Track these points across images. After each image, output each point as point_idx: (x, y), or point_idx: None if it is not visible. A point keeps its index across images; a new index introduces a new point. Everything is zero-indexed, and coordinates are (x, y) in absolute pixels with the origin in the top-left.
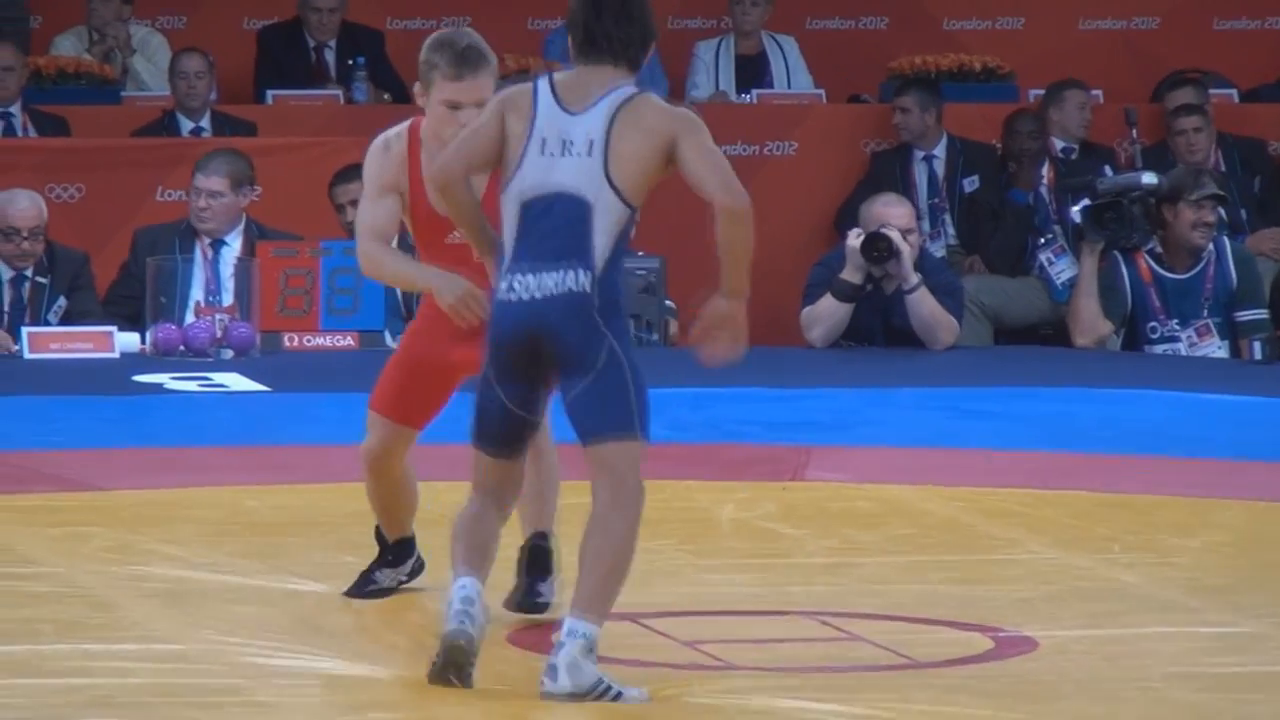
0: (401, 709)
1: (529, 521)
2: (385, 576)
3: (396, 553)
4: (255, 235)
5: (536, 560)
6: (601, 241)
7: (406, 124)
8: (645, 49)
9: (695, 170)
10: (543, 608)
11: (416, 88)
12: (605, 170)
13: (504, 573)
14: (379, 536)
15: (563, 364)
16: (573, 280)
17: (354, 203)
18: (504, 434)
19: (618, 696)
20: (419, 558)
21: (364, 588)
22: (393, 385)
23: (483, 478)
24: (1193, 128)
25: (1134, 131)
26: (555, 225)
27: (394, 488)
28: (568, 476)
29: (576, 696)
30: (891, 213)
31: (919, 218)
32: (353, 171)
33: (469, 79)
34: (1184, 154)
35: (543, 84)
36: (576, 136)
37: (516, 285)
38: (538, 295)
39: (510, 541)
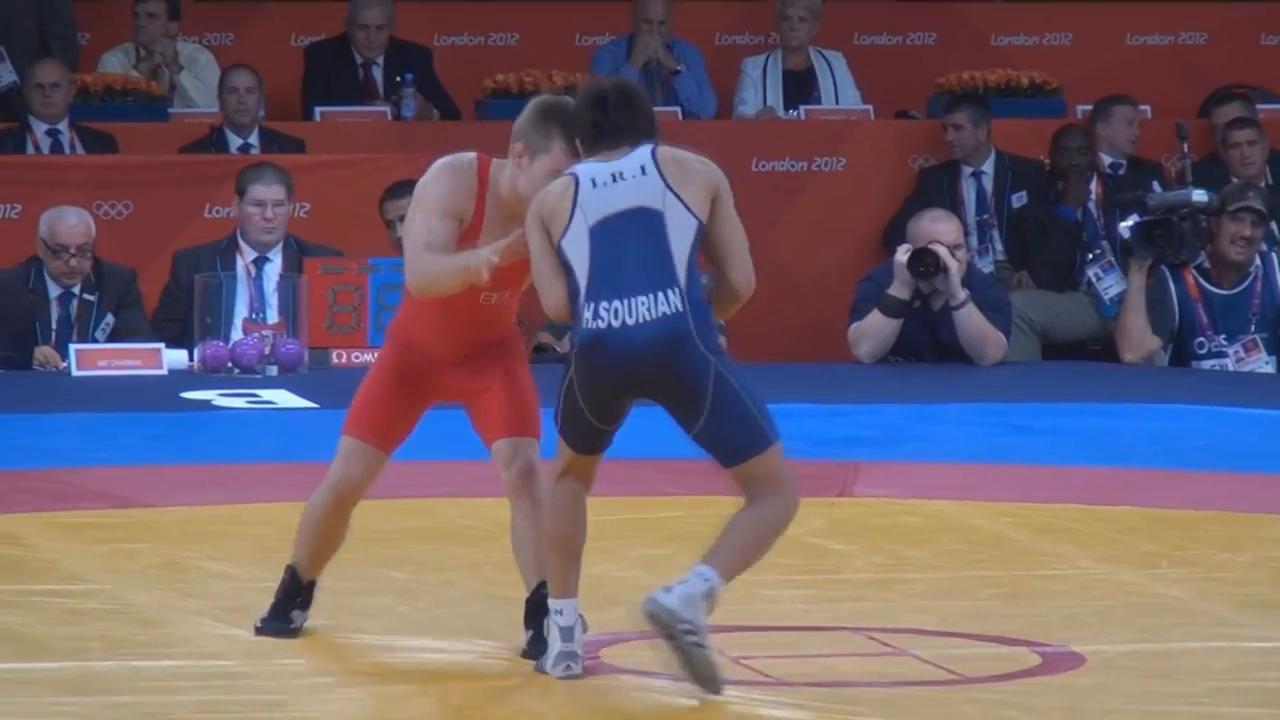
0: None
1: (534, 571)
2: (299, 618)
3: (307, 595)
4: (296, 251)
5: (541, 610)
6: (679, 251)
7: (473, 157)
8: (652, 137)
9: (727, 238)
10: None
11: (518, 146)
12: (665, 182)
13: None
14: (293, 576)
15: (669, 393)
16: (665, 303)
17: (404, 218)
18: (592, 442)
19: (699, 648)
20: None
21: (284, 626)
22: (379, 412)
23: (568, 467)
24: (1246, 140)
25: (1185, 146)
26: (632, 243)
27: (345, 523)
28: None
29: (674, 620)
30: (939, 228)
31: (967, 233)
32: (403, 187)
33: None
34: (1238, 168)
35: (579, 166)
36: (625, 169)
37: (604, 312)
38: (629, 321)
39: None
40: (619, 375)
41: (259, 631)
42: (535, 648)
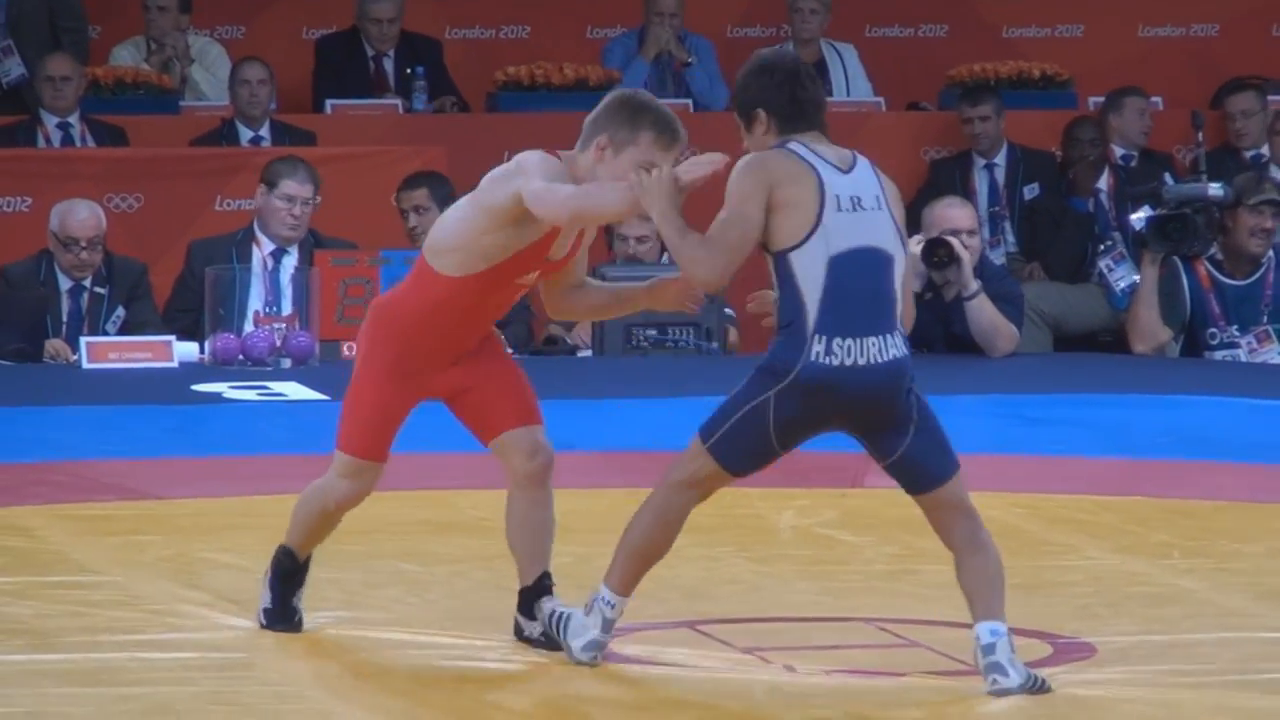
0: (460, 714)
1: (538, 560)
2: (299, 604)
3: (303, 575)
4: (312, 244)
5: (542, 597)
6: (900, 290)
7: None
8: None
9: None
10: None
11: (601, 139)
12: (894, 222)
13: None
14: (290, 557)
15: (881, 427)
16: (894, 347)
17: (418, 209)
18: (757, 468)
19: (1043, 684)
20: None
21: (290, 619)
22: (382, 429)
23: (703, 482)
24: (1242, 111)
25: (1200, 135)
26: (867, 282)
27: (338, 522)
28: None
29: (1025, 689)
30: (954, 214)
31: (979, 225)
32: (420, 179)
33: (674, 150)
34: (1244, 145)
35: (800, 148)
36: (863, 193)
37: (837, 349)
38: (860, 361)
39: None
40: (841, 412)
41: (266, 628)
42: (549, 639)
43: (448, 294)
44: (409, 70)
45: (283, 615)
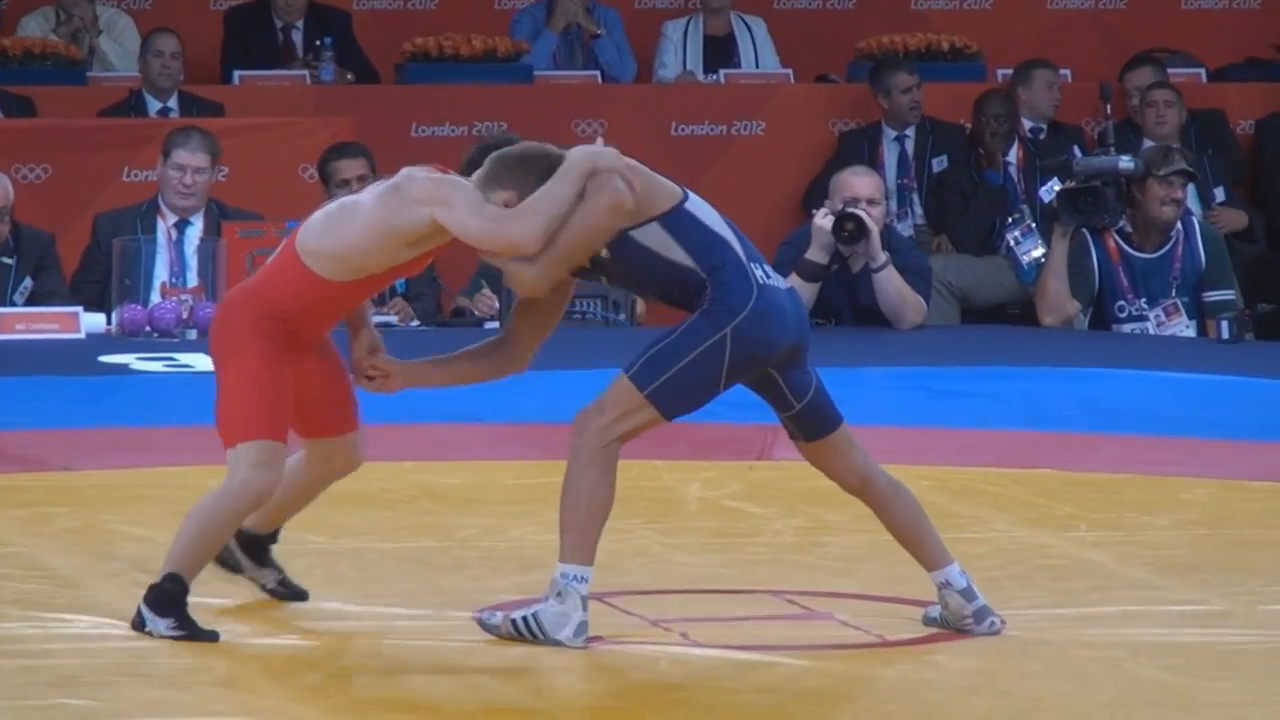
0: (370, 688)
1: (283, 513)
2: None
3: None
4: (217, 215)
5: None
6: None
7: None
8: None
9: None
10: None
11: (510, 195)
12: None
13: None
14: (178, 582)
15: (802, 355)
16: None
17: (361, 178)
18: (692, 409)
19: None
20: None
21: (200, 628)
22: (272, 406)
23: (635, 431)
24: (1164, 100)
25: (1108, 107)
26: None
27: None
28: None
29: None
30: (857, 182)
31: (887, 196)
32: (350, 148)
33: None
34: (1152, 127)
35: None
36: None
37: (768, 274)
38: (782, 285)
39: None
40: (785, 336)
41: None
42: (289, 590)
43: (317, 293)
44: (318, 42)
45: (196, 632)
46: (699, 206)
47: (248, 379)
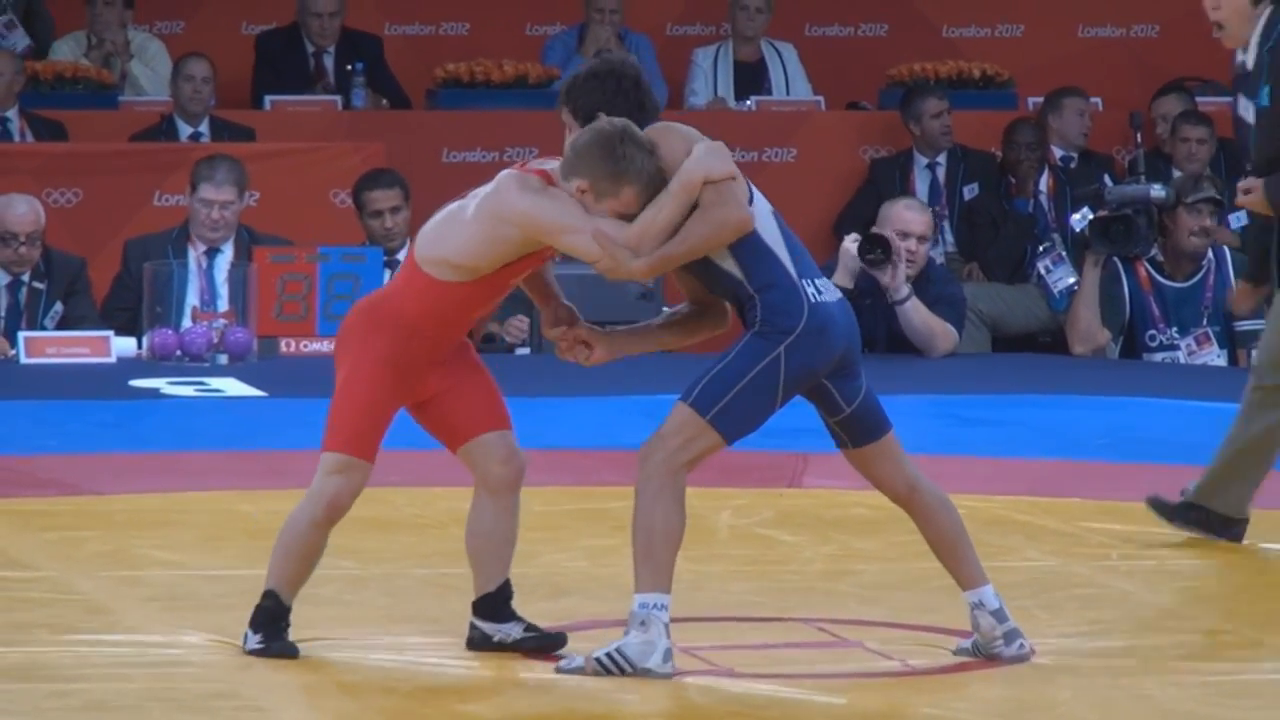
0: (393, 714)
1: (504, 566)
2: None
3: (288, 617)
4: (247, 240)
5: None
6: None
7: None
8: None
9: None
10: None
11: (583, 183)
12: None
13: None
14: (278, 602)
15: (854, 364)
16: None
17: (394, 209)
18: (752, 430)
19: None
20: None
21: (289, 646)
22: (379, 428)
23: (699, 457)
24: (1197, 139)
25: (1138, 136)
26: (790, 232)
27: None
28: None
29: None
30: (910, 217)
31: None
32: (384, 176)
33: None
34: (1183, 162)
35: None
36: None
37: (820, 288)
38: (833, 298)
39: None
40: (838, 347)
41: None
42: (538, 641)
43: (441, 299)
44: (349, 66)
45: (276, 647)
46: (761, 213)
47: (352, 392)
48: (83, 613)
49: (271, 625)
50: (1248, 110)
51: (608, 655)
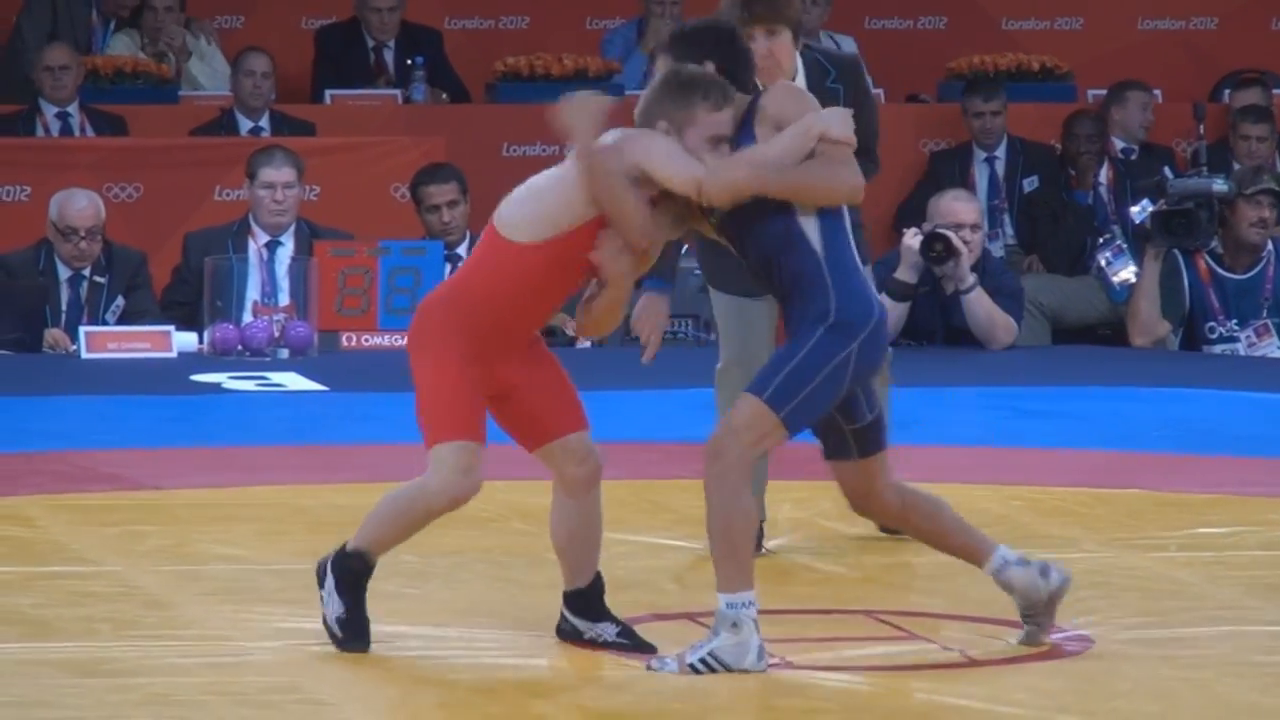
0: (455, 708)
1: (591, 565)
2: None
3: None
4: (308, 234)
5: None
6: None
7: None
8: None
9: None
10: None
11: (662, 124)
12: None
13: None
14: (361, 560)
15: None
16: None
17: (451, 203)
18: (815, 423)
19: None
20: None
21: (365, 634)
22: (467, 409)
23: (764, 449)
24: (1257, 136)
25: (1201, 128)
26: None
27: None
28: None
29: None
30: (959, 208)
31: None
32: (442, 171)
33: (730, 106)
34: (1243, 158)
35: None
36: None
37: (870, 287)
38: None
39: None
40: (886, 354)
41: (341, 643)
42: (630, 646)
43: (518, 268)
44: (409, 61)
45: (358, 627)
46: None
47: (440, 379)
48: (144, 607)
49: (356, 588)
50: None
51: (701, 661)
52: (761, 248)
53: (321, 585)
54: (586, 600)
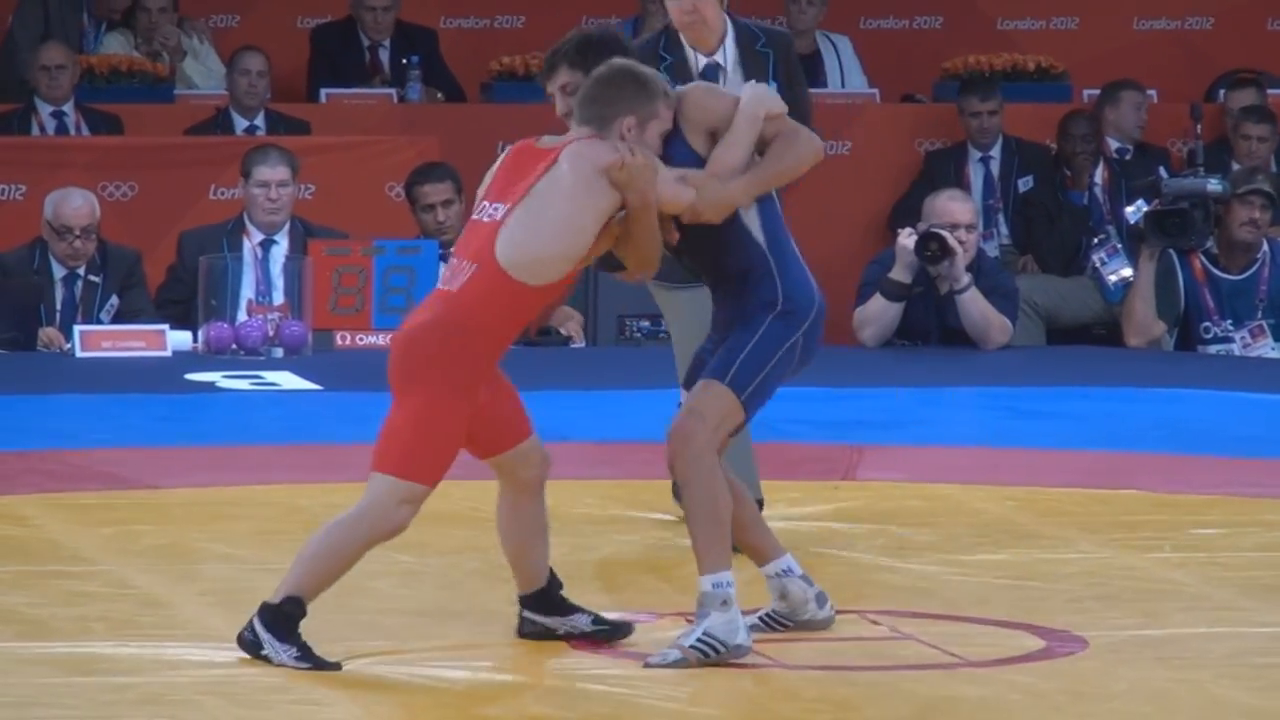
0: (454, 708)
1: (545, 563)
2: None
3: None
4: (303, 233)
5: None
6: None
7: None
8: None
9: None
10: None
11: (629, 120)
12: None
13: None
14: (298, 605)
15: None
16: None
17: (446, 203)
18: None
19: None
20: None
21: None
22: (448, 460)
23: (729, 436)
24: (1258, 136)
25: (1198, 128)
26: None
27: None
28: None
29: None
30: (954, 208)
31: (977, 219)
32: (436, 170)
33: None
34: (1243, 158)
35: None
36: None
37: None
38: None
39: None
40: (821, 334)
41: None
42: (609, 632)
43: (528, 304)
44: (404, 60)
45: (318, 657)
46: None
47: (433, 420)
48: (139, 606)
49: (295, 631)
50: None
51: (700, 641)
52: (707, 243)
53: (258, 650)
54: (549, 598)
